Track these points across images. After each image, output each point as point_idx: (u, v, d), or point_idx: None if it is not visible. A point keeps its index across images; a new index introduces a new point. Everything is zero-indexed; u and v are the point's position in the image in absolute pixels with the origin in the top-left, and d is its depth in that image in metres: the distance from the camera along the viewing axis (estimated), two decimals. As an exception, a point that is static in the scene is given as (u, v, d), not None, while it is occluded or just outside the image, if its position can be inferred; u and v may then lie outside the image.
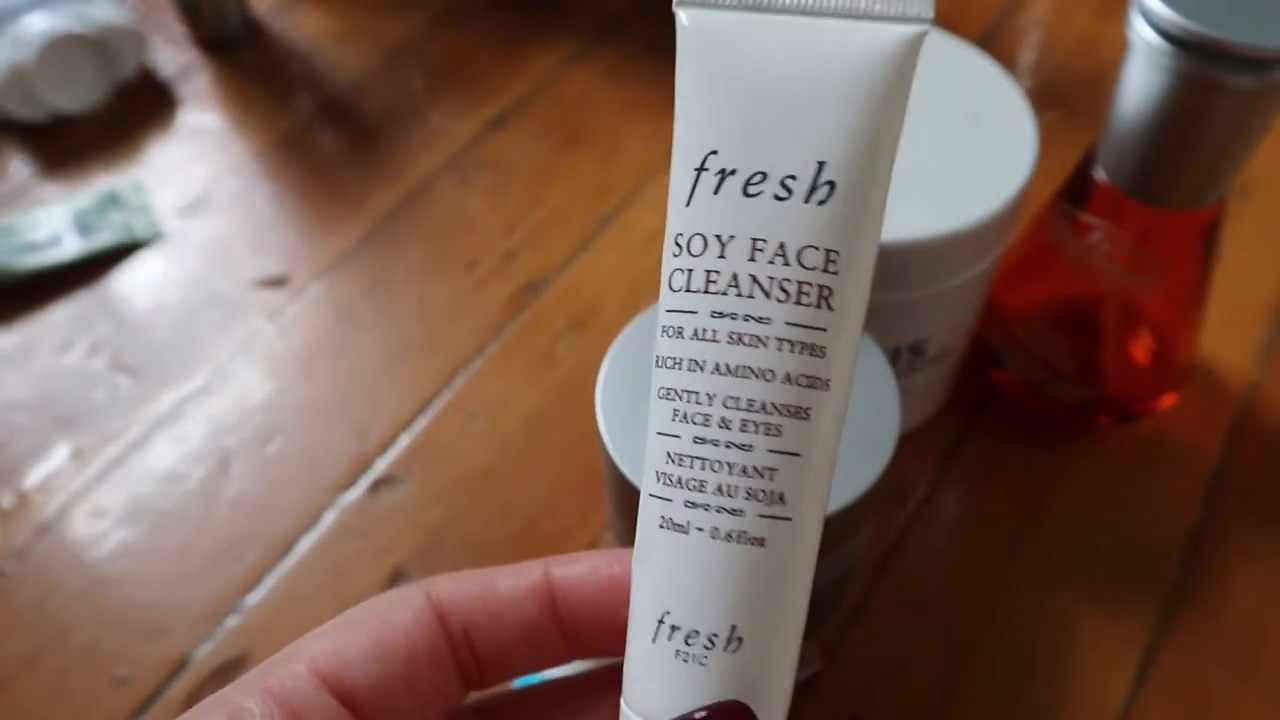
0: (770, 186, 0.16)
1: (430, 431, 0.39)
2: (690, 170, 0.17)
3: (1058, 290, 0.36)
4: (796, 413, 0.16)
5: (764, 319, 0.16)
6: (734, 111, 0.17)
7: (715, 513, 0.16)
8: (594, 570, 0.20)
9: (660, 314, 0.17)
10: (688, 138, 0.17)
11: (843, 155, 0.16)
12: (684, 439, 0.17)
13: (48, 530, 0.36)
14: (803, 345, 0.16)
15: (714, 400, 0.16)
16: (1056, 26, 0.53)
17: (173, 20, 0.53)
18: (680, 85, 0.17)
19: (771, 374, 0.16)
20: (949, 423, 0.38)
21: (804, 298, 0.16)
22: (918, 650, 0.33)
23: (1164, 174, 0.29)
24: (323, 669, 0.17)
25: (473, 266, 0.44)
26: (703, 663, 0.16)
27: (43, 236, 0.44)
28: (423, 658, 0.18)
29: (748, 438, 0.16)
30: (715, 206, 0.17)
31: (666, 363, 0.17)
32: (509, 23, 0.54)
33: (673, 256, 0.17)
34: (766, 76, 0.17)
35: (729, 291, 0.16)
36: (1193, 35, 0.26)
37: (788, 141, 0.16)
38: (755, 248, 0.16)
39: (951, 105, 0.32)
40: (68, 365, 0.41)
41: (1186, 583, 0.35)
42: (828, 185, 0.16)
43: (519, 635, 0.19)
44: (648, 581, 0.17)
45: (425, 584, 0.19)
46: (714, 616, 0.16)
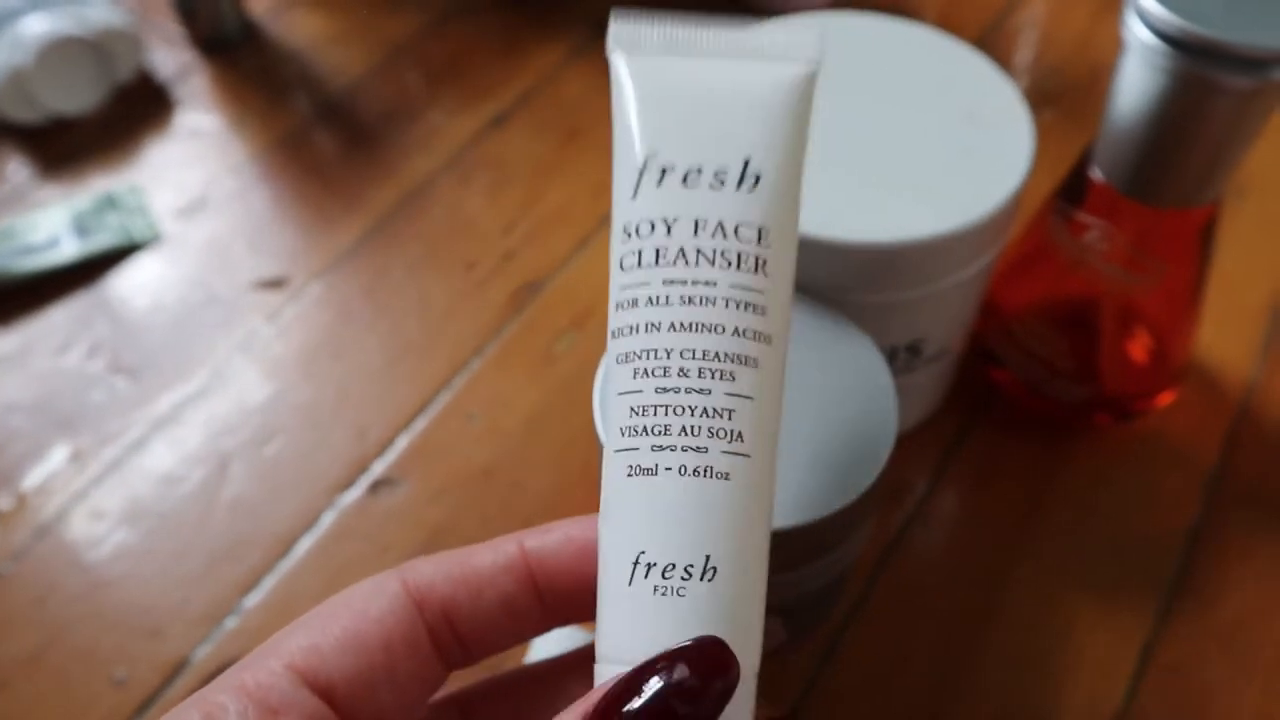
0: (706, 178, 0.19)
1: (429, 432, 0.39)
2: (633, 171, 0.19)
3: (1055, 289, 0.36)
4: (746, 361, 0.18)
5: (711, 282, 0.18)
6: (668, 120, 0.19)
7: (681, 452, 0.18)
8: (567, 538, 0.20)
9: (613, 294, 0.19)
10: (626, 147, 0.20)
11: (766, 152, 0.19)
12: (646, 392, 0.18)
13: (47, 532, 0.36)
14: (747, 304, 0.18)
15: (672, 354, 0.18)
16: (1053, 27, 0.53)
17: (170, 22, 0.53)
18: (616, 111, 0.20)
19: (722, 328, 0.18)
20: (947, 422, 0.38)
21: (743, 264, 0.19)
22: (916, 648, 0.33)
23: (1160, 173, 0.30)
24: (299, 664, 0.18)
25: (472, 266, 0.44)
26: (681, 594, 0.17)
27: (41, 239, 0.44)
28: (400, 645, 0.18)
29: (706, 383, 0.18)
30: (659, 196, 0.19)
31: (623, 332, 0.19)
32: (507, 22, 0.54)
33: (622, 243, 0.19)
34: (695, 92, 0.20)
35: (678, 262, 0.19)
36: (1188, 35, 0.26)
37: (718, 142, 0.19)
38: (698, 226, 0.19)
39: (948, 105, 0.32)
40: (66, 367, 0.41)
41: (1184, 580, 0.35)
42: (755, 176, 0.19)
43: (499, 610, 0.20)
44: (619, 531, 0.18)
45: (401, 570, 0.19)
46: (688, 548, 0.18)
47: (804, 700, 0.32)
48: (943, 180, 0.30)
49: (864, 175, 0.30)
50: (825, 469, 0.26)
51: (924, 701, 0.32)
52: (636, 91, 0.20)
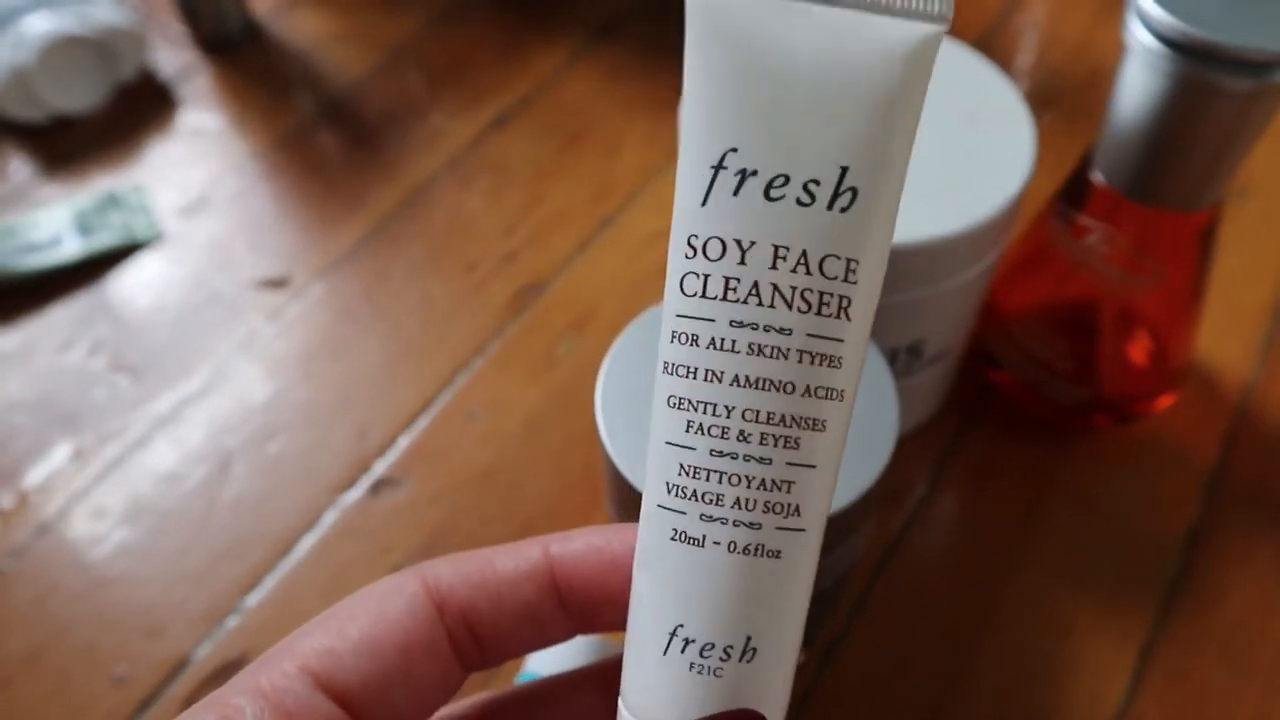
0: (793, 190, 0.16)
1: (430, 432, 0.39)
2: (706, 167, 0.16)
3: (1055, 291, 0.36)
4: (813, 425, 0.16)
5: (785, 330, 0.16)
6: (753, 107, 0.16)
7: (733, 527, 0.16)
8: (594, 550, 0.19)
9: (668, 318, 0.17)
10: (702, 131, 0.16)
11: (865, 160, 0.16)
12: (699, 450, 0.16)
13: (48, 530, 0.36)
14: (822, 357, 0.16)
15: (733, 412, 0.16)
16: (1054, 29, 0.53)
17: (173, 21, 0.53)
18: (691, 74, 0.16)
19: (792, 386, 0.16)
20: (947, 423, 0.38)
21: (825, 309, 0.16)
22: (916, 649, 0.33)
23: (1161, 176, 0.30)
24: (314, 667, 0.17)
25: (473, 267, 0.44)
26: (719, 674, 0.16)
27: (43, 237, 0.44)
28: (418, 648, 0.18)
29: (767, 451, 0.16)
30: (735, 209, 0.16)
31: (678, 371, 0.16)
32: (509, 23, 0.54)
33: (685, 259, 0.16)
34: (786, 70, 0.16)
35: (749, 300, 0.16)
36: (1189, 38, 0.26)
37: (811, 143, 0.16)
38: (778, 255, 0.16)
39: (950, 107, 0.32)
40: (68, 365, 0.41)
41: (1183, 582, 0.35)
42: (850, 192, 0.16)
43: (519, 616, 0.19)
44: (656, 593, 0.17)
45: (421, 569, 0.19)
46: (730, 629, 0.16)
47: (804, 701, 0.32)
48: (944, 182, 0.30)
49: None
50: (826, 469, 0.26)
51: (924, 702, 0.32)
52: (716, 55, 0.16)
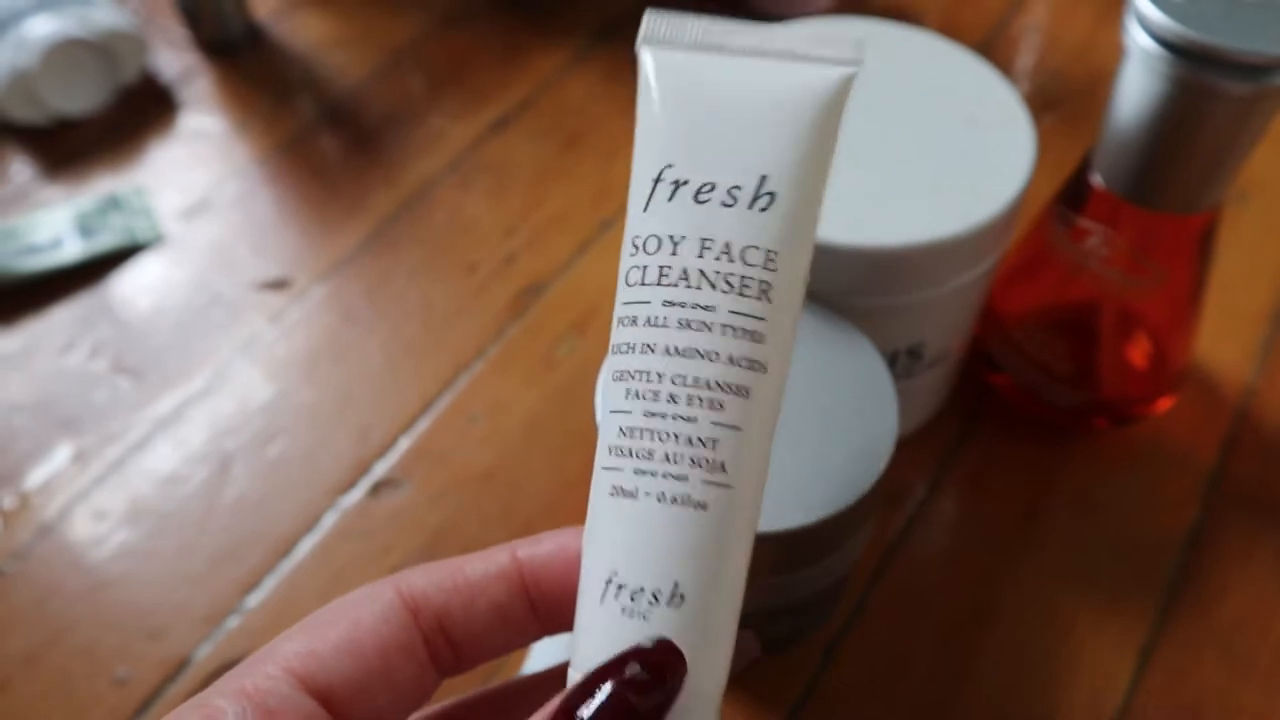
0: (718, 195, 0.18)
1: (430, 434, 0.39)
2: (648, 181, 0.19)
3: (1055, 294, 0.36)
4: (738, 391, 0.18)
5: (710, 307, 0.18)
6: (688, 131, 0.19)
7: (662, 478, 0.18)
8: (560, 547, 0.20)
9: (617, 308, 0.19)
10: (646, 153, 0.19)
11: (783, 170, 0.19)
12: (635, 414, 0.18)
13: (49, 531, 0.37)
14: (744, 331, 0.18)
15: (663, 378, 0.18)
16: (1054, 32, 0.53)
17: (174, 24, 0.53)
18: (641, 110, 0.20)
19: (716, 355, 0.18)
20: (947, 426, 0.38)
21: (746, 290, 0.18)
22: (916, 651, 0.33)
23: (1160, 179, 0.30)
24: (296, 668, 0.18)
25: (473, 269, 0.44)
26: (645, 617, 0.18)
27: (44, 239, 0.44)
28: (396, 651, 0.19)
29: (693, 411, 0.18)
30: (669, 211, 0.19)
31: (621, 349, 0.19)
32: (509, 26, 0.54)
33: (630, 256, 0.19)
34: (718, 101, 0.19)
35: (679, 284, 0.18)
36: (1188, 42, 0.26)
37: (734, 157, 0.19)
38: (704, 246, 0.18)
39: (950, 110, 0.32)
40: (69, 367, 0.41)
41: (1183, 583, 0.35)
42: (769, 195, 0.18)
43: (491, 619, 0.20)
44: (597, 547, 0.18)
45: (394, 578, 0.20)
46: (658, 574, 0.18)
47: (804, 702, 0.32)
48: (944, 185, 0.30)
49: (865, 180, 0.30)
50: (826, 472, 0.26)
51: (923, 704, 0.32)
52: (659, 94, 0.19)
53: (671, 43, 0.20)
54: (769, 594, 0.28)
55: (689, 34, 0.19)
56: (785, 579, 0.28)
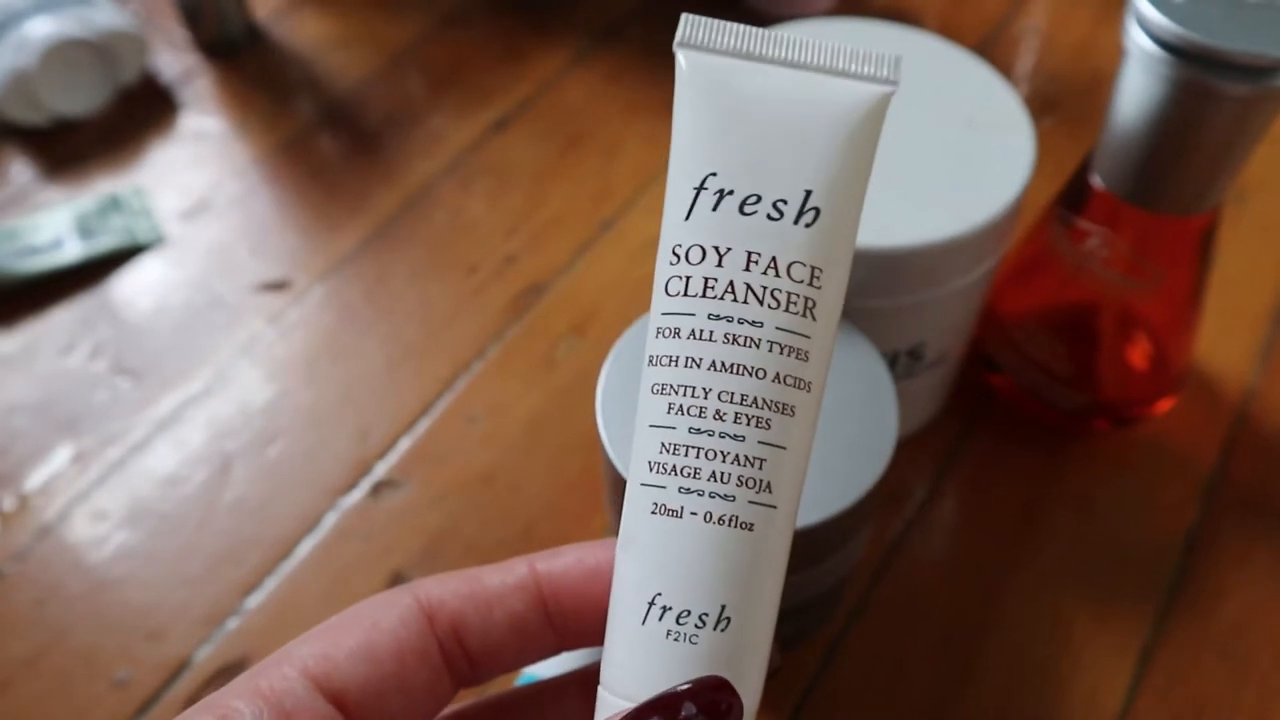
0: (764, 207, 0.18)
1: (430, 435, 0.39)
2: (689, 188, 0.19)
3: (1055, 296, 0.36)
4: (783, 409, 0.18)
5: (757, 323, 0.18)
6: (731, 139, 0.19)
7: (709, 498, 0.18)
8: (578, 561, 0.20)
9: (654, 317, 0.19)
10: (687, 159, 0.19)
11: (827, 185, 0.18)
12: (679, 430, 0.18)
13: (48, 532, 0.37)
14: (790, 349, 0.18)
15: (710, 394, 0.18)
16: (1054, 34, 0.53)
17: (174, 24, 0.53)
18: (679, 113, 0.19)
19: (763, 372, 0.18)
20: (947, 427, 0.38)
21: (792, 306, 0.18)
22: (916, 652, 0.33)
23: (1160, 181, 0.30)
24: (312, 670, 0.18)
25: (473, 270, 0.44)
26: (694, 641, 0.17)
27: (44, 240, 0.44)
28: (411, 657, 0.19)
29: (741, 429, 0.18)
30: (714, 221, 0.18)
31: (661, 360, 0.18)
32: (509, 27, 0.54)
33: (669, 265, 0.19)
34: (760, 111, 0.19)
35: (725, 297, 0.18)
36: (1188, 43, 0.26)
37: (780, 170, 0.18)
38: (750, 259, 0.18)
39: (949, 112, 0.32)
40: (69, 368, 0.41)
41: (1182, 585, 0.35)
42: (814, 210, 0.18)
43: (508, 630, 0.20)
44: (637, 566, 0.18)
45: (412, 586, 0.20)
46: (705, 596, 0.17)
47: (805, 703, 0.32)
48: (944, 186, 0.30)
49: (865, 181, 0.30)
50: (826, 473, 0.26)
51: (923, 705, 0.32)
52: (700, 99, 0.19)
53: (710, 48, 0.19)
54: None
55: (727, 40, 0.19)
56: (787, 580, 0.28)
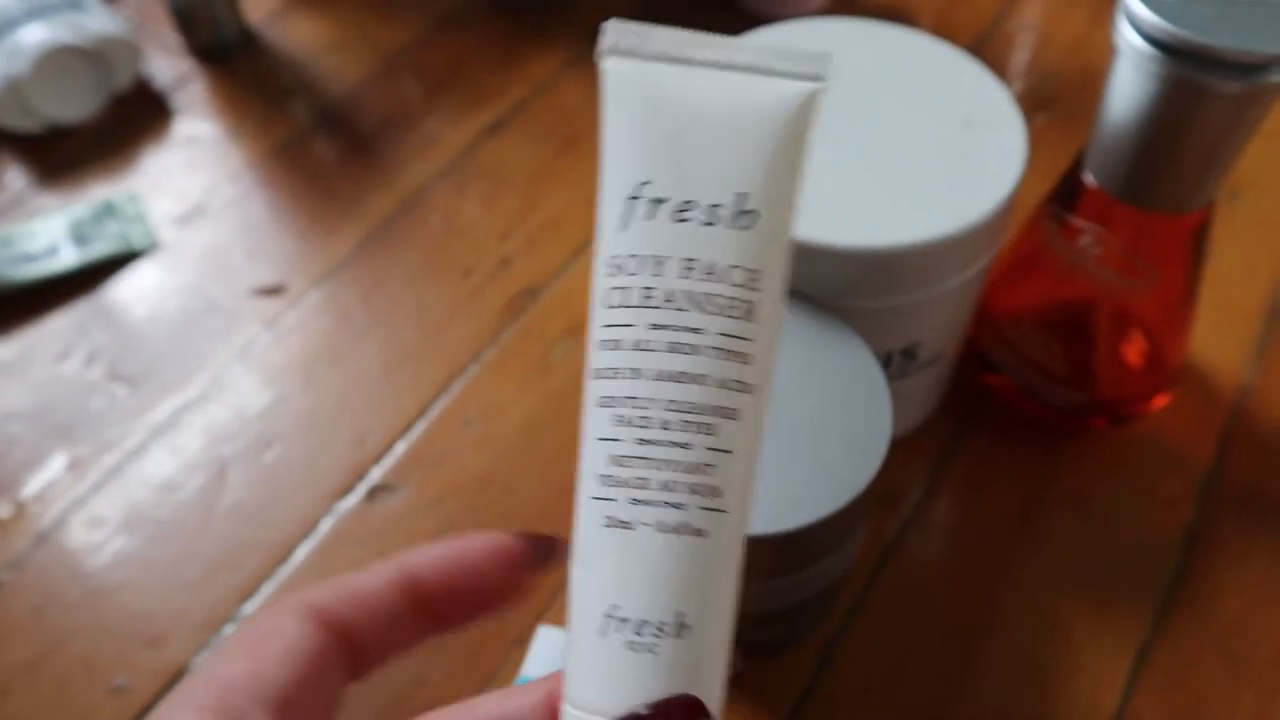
0: (699, 213, 0.18)
1: (427, 438, 0.39)
2: (624, 199, 0.19)
3: (1049, 294, 0.36)
4: (728, 413, 0.18)
5: (698, 329, 0.18)
6: (661, 145, 0.19)
7: (660, 507, 0.18)
8: (442, 553, 0.22)
9: (596, 330, 0.19)
10: (619, 168, 0.19)
11: (761, 188, 0.18)
12: (626, 442, 0.18)
13: (45, 540, 0.36)
14: (732, 353, 0.18)
15: (654, 404, 0.18)
16: (1047, 31, 0.53)
17: (168, 30, 0.53)
18: (608, 123, 0.19)
19: (706, 379, 0.18)
20: (942, 426, 0.38)
21: (732, 311, 0.18)
22: (913, 652, 0.33)
23: (1152, 178, 0.30)
24: (245, 684, 0.19)
25: (468, 273, 0.44)
26: (654, 651, 0.18)
27: (39, 247, 0.44)
28: (322, 659, 0.20)
29: (687, 437, 0.18)
30: (649, 230, 0.18)
31: (605, 373, 0.18)
32: (504, 30, 0.54)
33: (607, 277, 0.19)
34: (689, 116, 0.19)
35: (665, 306, 0.18)
36: (1179, 40, 0.26)
37: (713, 174, 0.18)
38: (687, 267, 0.18)
39: (943, 111, 0.32)
40: (65, 375, 0.41)
41: (1180, 583, 0.35)
42: (749, 213, 0.18)
43: (389, 622, 0.21)
44: (593, 580, 0.18)
45: (299, 595, 0.21)
46: (662, 605, 0.18)
47: (802, 703, 0.32)
48: (937, 185, 0.30)
49: (859, 180, 0.30)
50: (820, 473, 0.26)
51: (921, 705, 0.32)
52: (629, 106, 0.19)
53: (636, 53, 0.19)
54: (766, 596, 0.28)
55: (654, 44, 0.19)
56: (782, 581, 0.28)
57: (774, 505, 0.25)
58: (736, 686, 0.32)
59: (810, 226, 0.29)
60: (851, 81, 0.33)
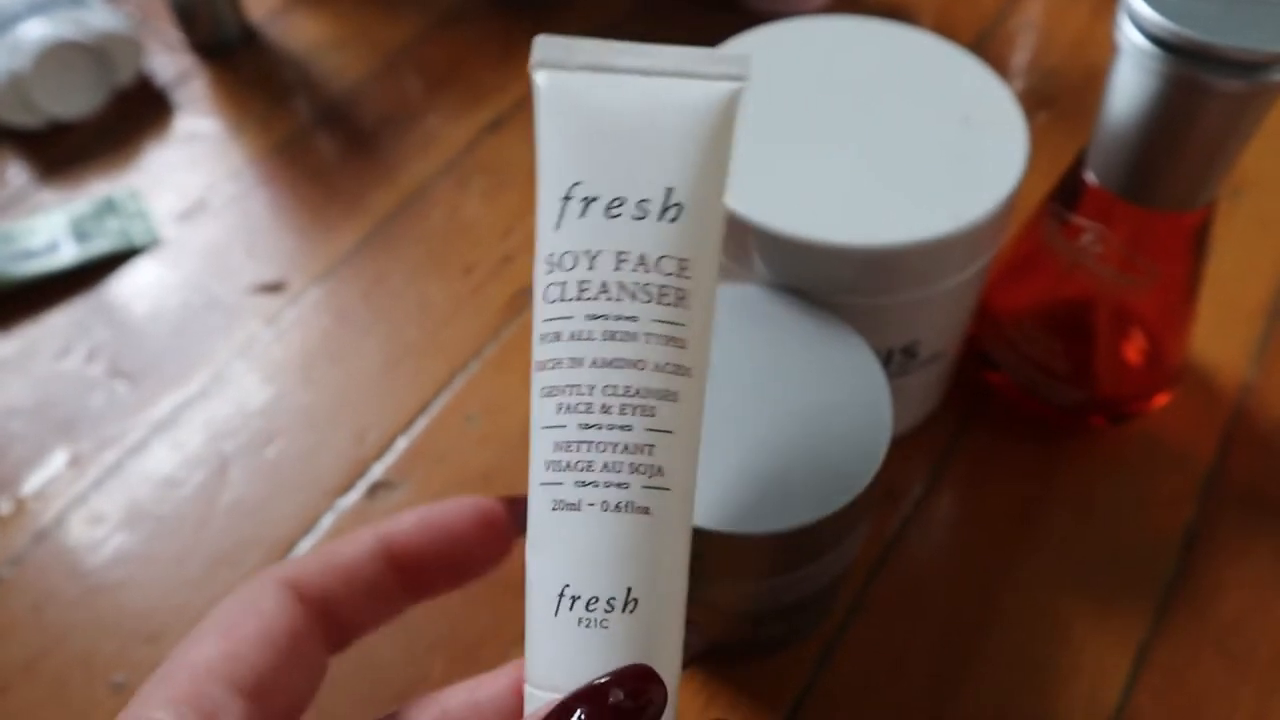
0: (628, 209, 0.19)
1: (428, 435, 0.39)
2: (557, 200, 0.20)
3: (1050, 292, 0.36)
4: (666, 395, 0.19)
5: (633, 318, 0.19)
6: (592, 148, 0.20)
7: (604, 488, 0.18)
8: (420, 519, 0.22)
9: (537, 324, 0.20)
10: (551, 173, 0.20)
11: (687, 181, 0.19)
12: (570, 427, 0.19)
13: (46, 536, 0.37)
14: (667, 338, 0.19)
15: (594, 390, 0.19)
16: (1049, 29, 0.53)
17: (169, 26, 0.53)
18: (541, 129, 0.20)
19: (643, 363, 0.19)
20: (943, 424, 0.38)
21: (664, 298, 0.19)
22: (913, 650, 0.33)
23: (1153, 176, 0.30)
24: (220, 669, 0.18)
25: (470, 270, 0.44)
26: (605, 626, 0.18)
27: (40, 243, 0.44)
28: (300, 636, 0.20)
29: (627, 419, 0.19)
30: (582, 227, 0.19)
31: (547, 365, 0.19)
32: (505, 26, 0.54)
33: (545, 274, 0.20)
34: (617, 119, 0.20)
35: (600, 297, 0.19)
36: (1180, 39, 0.26)
37: (640, 172, 0.19)
38: (620, 259, 0.19)
39: (944, 108, 0.32)
40: (66, 371, 0.41)
41: (1180, 582, 0.35)
42: (676, 206, 0.19)
43: (367, 592, 0.21)
44: (546, 563, 0.19)
45: (273, 569, 0.21)
46: (610, 581, 0.18)
47: (802, 701, 0.32)
48: (938, 183, 0.30)
49: (859, 178, 0.30)
50: (820, 472, 0.26)
51: (921, 704, 0.32)
52: (560, 114, 0.20)
53: (564, 65, 0.20)
54: (766, 594, 0.28)
55: (581, 55, 0.20)
56: (782, 579, 0.28)
57: (774, 504, 0.25)
58: (751, 674, 0.32)
59: (811, 224, 0.29)
60: (852, 79, 0.33)
